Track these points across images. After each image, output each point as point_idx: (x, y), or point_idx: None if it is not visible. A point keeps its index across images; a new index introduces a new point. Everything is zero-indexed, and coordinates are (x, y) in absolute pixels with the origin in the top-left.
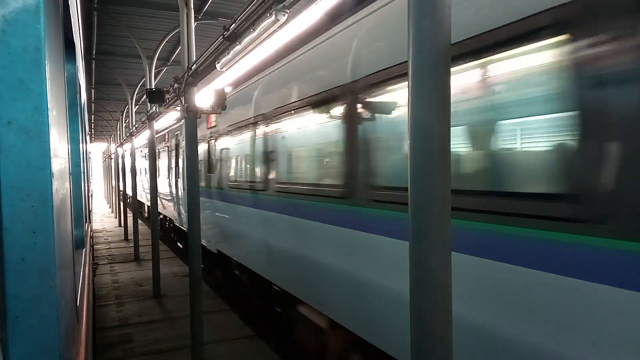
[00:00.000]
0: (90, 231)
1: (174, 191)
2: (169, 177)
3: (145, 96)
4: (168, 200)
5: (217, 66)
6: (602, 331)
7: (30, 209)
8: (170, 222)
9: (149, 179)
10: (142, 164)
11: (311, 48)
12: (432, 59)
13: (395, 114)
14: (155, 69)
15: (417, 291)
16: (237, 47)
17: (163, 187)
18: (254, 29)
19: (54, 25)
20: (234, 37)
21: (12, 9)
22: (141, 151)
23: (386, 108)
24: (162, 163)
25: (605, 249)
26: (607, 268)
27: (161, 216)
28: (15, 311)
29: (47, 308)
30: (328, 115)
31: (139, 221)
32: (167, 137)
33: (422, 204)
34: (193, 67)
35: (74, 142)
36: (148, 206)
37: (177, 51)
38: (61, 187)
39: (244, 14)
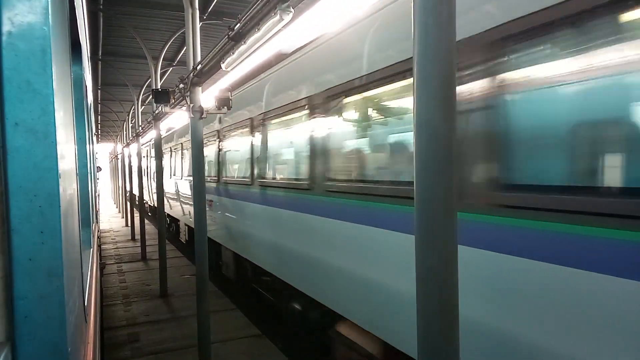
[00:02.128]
0: (98, 231)
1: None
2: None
3: (151, 96)
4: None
5: (222, 66)
6: None
7: (37, 210)
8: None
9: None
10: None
11: None
12: (438, 56)
13: None
14: (160, 70)
15: (423, 288)
16: (242, 47)
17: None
18: (258, 29)
19: (60, 26)
20: (239, 37)
21: (19, 11)
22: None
23: None
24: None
25: None
26: None
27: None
28: (23, 311)
29: (55, 308)
30: None
31: (146, 221)
32: None
33: (428, 201)
34: (198, 67)
35: (80, 142)
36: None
37: (183, 51)
38: (68, 187)
39: (249, 14)
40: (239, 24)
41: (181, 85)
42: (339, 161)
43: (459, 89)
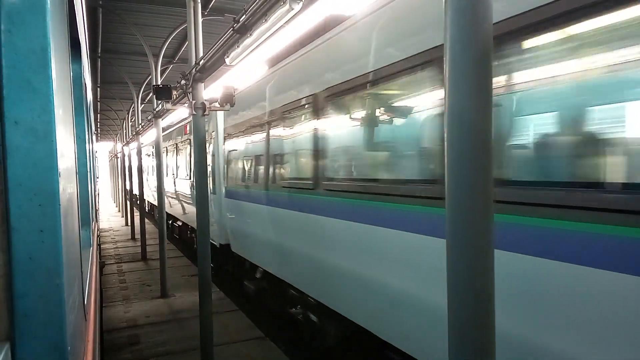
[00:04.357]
0: (97, 230)
1: None
2: None
3: (151, 94)
4: None
5: (226, 60)
6: None
7: (37, 208)
8: None
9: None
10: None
11: None
12: (472, 42)
13: None
14: (161, 67)
15: (456, 298)
16: (248, 40)
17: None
18: (266, 20)
19: (59, 25)
20: (245, 29)
21: (18, 9)
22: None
23: None
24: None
25: None
26: None
27: None
28: (23, 310)
29: (55, 306)
30: None
31: (146, 220)
32: None
33: (461, 201)
34: (201, 62)
35: (80, 141)
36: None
37: (183, 48)
38: (68, 186)
39: (256, 4)
40: (244, 16)
41: (183, 82)
42: None
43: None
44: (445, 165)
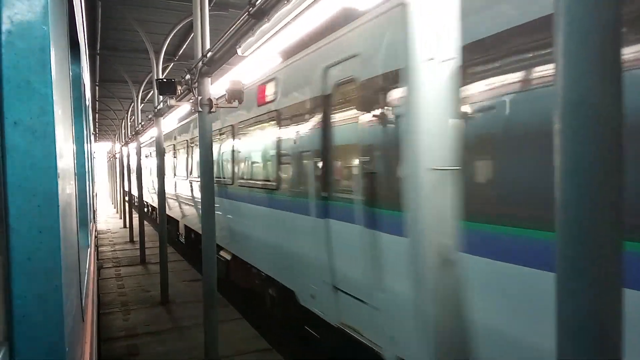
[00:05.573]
0: (95, 231)
1: None
2: None
3: (151, 93)
4: None
5: (239, 51)
6: None
7: (36, 209)
8: None
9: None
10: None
11: None
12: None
13: None
14: (162, 65)
15: (570, 347)
16: (266, 26)
17: None
18: (287, 1)
19: (59, 25)
20: (262, 14)
21: (19, 10)
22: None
23: None
24: None
25: None
26: None
27: None
28: (21, 310)
29: (53, 307)
30: None
31: (145, 222)
32: None
33: (576, 221)
34: (208, 55)
35: (78, 142)
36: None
37: (185, 45)
38: (66, 187)
39: None
40: None
41: (188, 77)
42: None
43: None
44: (557, 170)
